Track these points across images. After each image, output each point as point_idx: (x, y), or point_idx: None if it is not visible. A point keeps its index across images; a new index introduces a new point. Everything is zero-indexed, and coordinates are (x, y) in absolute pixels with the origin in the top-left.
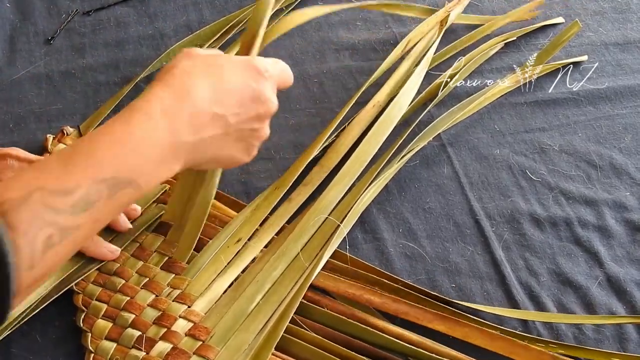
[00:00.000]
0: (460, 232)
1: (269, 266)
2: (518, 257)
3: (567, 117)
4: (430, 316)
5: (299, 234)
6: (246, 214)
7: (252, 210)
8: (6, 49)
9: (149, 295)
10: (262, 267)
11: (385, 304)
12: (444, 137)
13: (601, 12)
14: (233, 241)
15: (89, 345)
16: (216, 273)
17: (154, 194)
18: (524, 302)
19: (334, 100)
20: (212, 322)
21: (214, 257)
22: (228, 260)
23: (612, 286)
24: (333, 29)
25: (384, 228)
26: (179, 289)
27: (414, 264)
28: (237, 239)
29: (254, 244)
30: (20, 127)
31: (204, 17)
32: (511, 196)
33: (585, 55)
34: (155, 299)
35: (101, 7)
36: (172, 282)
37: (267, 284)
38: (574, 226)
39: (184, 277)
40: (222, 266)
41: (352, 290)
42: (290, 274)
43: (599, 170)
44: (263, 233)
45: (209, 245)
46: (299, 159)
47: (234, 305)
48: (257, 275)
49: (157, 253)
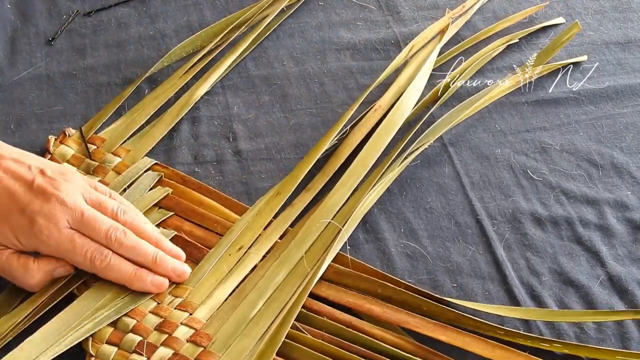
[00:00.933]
0: (461, 232)
1: (270, 272)
2: (519, 256)
3: (568, 116)
4: (432, 326)
5: (301, 239)
6: (247, 219)
7: (253, 215)
8: (7, 50)
9: (150, 302)
10: (264, 274)
11: (386, 313)
12: (444, 137)
13: (602, 11)
14: (235, 249)
15: (90, 349)
16: (218, 281)
17: (154, 198)
18: (526, 302)
19: (334, 100)
20: (214, 329)
21: (215, 266)
22: (230, 268)
23: (614, 285)
24: (334, 29)
25: (385, 228)
26: (180, 297)
27: (416, 264)
28: (238, 247)
29: (255, 250)
30: (22, 128)
31: (205, 17)
32: (512, 196)
33: (585, 56)
34: (157, 307)
35: (102, 7)
36: (174, 291)
37: (269, 290)
38: (576, 225)
39: (186, 287)
40: (223, 274)
41: (353, 299)
42: (292, 280)
43: (600, 169)
44: (265, 239)
45: (211, 253)
46: (300, 163)
47: (236, 311)
48: (259, 281)
49: None
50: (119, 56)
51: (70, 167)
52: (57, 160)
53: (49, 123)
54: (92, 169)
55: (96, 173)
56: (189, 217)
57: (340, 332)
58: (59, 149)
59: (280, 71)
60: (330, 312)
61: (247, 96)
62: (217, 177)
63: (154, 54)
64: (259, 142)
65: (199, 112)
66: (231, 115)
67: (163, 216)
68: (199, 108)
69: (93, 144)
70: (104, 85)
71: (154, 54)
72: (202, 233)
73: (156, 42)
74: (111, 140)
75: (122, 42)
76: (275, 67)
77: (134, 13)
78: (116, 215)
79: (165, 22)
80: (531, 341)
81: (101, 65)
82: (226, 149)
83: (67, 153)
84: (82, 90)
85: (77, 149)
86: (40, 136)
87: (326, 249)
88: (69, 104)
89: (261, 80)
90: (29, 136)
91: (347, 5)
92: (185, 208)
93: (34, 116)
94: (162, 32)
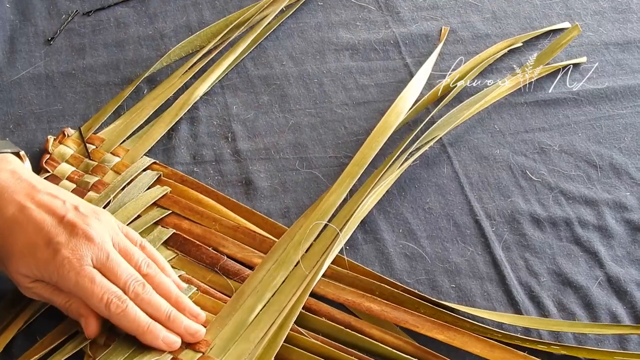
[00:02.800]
0: (460, 233)
1: (268, 275)
2: (518, 257)
3: (567, 117)
4: (430, 325)
5: (298, 241)
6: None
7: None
8: (6, 49)
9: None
10: (262, 277)
11: (384, 312)
12: (444, 138)
13: (601, 12)
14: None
15: (88, 350)
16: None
17: (152, 197)
18: (524, 303)
19: (333, 100)
20: (212, 335)
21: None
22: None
23: (613, 286)
24: (333, 29)
25: (384, 228)
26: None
27: (414, 265)
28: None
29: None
30: (21, 128)
31: (204, 17)
32: (511, 196)
33: (584, 57)
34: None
35: (101, 7)
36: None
37: (268, 294)
38: (574, 226)
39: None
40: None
41: (352, 297)
42: (290, 282)
43: (599, 170)
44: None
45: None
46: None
47: (234, 316)
48: (257, 285)
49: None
50: (118, 56)
51: (104, 210)
52: (57, 161)
53: (48, 122)
54: (90, 168)
55: (95, 172)
56: (187, 216)
57: (339, 334)
58: (57, 149)
59: (280, 71)
60: (329, 311)
61: (246, 96)
62: (216, 177)
63: (153, 54)
64: (258, 142)
65: (198, 112)
66: (230, 115)
67: (161, 214)
68: (198, 108)
69: (92, 143)
70: (103, 85)
71: (153, 53)
72: (201, 231)
73: (155, 42)
74: (110, 140)
75: (121, 42)
76: (275, 67)
77: (133, 13)
78: (139, 267)
79: (165, 22)
80: (530, 343)
81: (100, 64)
82: (225, 148)
83: (66, 153)
84: (81, 89)
85: (76, 149)
86: (39, 135)
87: (324, 252)
88: (68, 104)
89: (260, 80)
90: (27, 135)
91: (347, 5)
92: (184, 206)
93: (33, 115)
94: (161, 32)
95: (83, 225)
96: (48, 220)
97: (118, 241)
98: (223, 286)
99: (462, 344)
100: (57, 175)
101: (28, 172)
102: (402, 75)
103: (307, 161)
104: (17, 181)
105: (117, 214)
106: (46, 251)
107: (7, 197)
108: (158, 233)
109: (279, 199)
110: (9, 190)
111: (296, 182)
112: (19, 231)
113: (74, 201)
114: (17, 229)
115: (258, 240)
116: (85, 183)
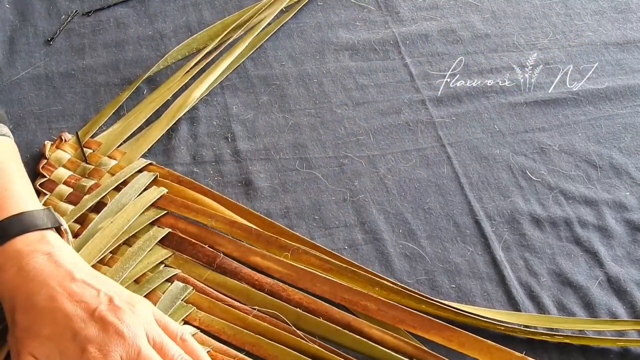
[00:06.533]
0: (460, 233)
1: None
2: (518, 257)
3: (567, 117)
4: (427, 326)
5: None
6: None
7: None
8: (6, 50)
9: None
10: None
11: (381, 311)
12: (443, 138)
13: (601, 12)
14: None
15: None
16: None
17: (150, 199)
18: (524, 303)
19: (333, 101)
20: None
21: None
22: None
23: (612, 286)
24: (333, 29)
25: (384, 228)
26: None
27: (414, 265)
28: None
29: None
30: (20, 128)
31: (203, 17)
32: (511, 196)
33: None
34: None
35: (101, 7)
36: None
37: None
38: (574, 226)
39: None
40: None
41: (349, 296)
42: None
43: (598, 170)
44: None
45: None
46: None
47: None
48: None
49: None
50: (117, 56)
51: (143, 300)
52: (53, 165)
53: (48, 123)
54: (87, 172)
55: (91, 176)
56: (183, 214)
57: (338, 334)
58: (55, 153)
59: (279, 71)
60: (327, 310)
61: (245, 96)
62: (215, 177)
63: (152, 54)
64: (258, 142)
65: (198, 113)
66: (230, 115)
67: (157, 214)
68: (197, 108)
69: (89, 147)
70: (102, 85)
71: (152, 54)
72: (197, 230)
73: (155, 42)
74: (107, 144)
75: (120, 42)
76: (274, 68)
77: (132, 13)
78: None
79: (164, 22)
80: (530, 334)
81: (100, 65)
82: (225, 149)
83: (63, 158)
84: (80, 90)
85: (73, 153)
86: (39, 136)
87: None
88: (68, 104)
89: (260, 80)
90: (27, 136)
91: (346, 5)
92: (180, 205)
93: (33, 116)
94: (161, 32)
95: (114, 320)
96: (78, 313)
97: (153, 334)
98: (220, 284)
99: (459, 346)
100: (53, 179)
101: (67, 254)
102: (402, 76)
103: (306, 161)
104: (53, 266)
105: (114, 217)
106: (72, 344)
107: (41, 280)
108: (154, 232)
109: (278, 199)
110: (44, 274)
111: (296, 182)
112: (49, 318)
113: (109, 291)
114: (47, 316)
115: (254, 234)
116: (82, 187)
